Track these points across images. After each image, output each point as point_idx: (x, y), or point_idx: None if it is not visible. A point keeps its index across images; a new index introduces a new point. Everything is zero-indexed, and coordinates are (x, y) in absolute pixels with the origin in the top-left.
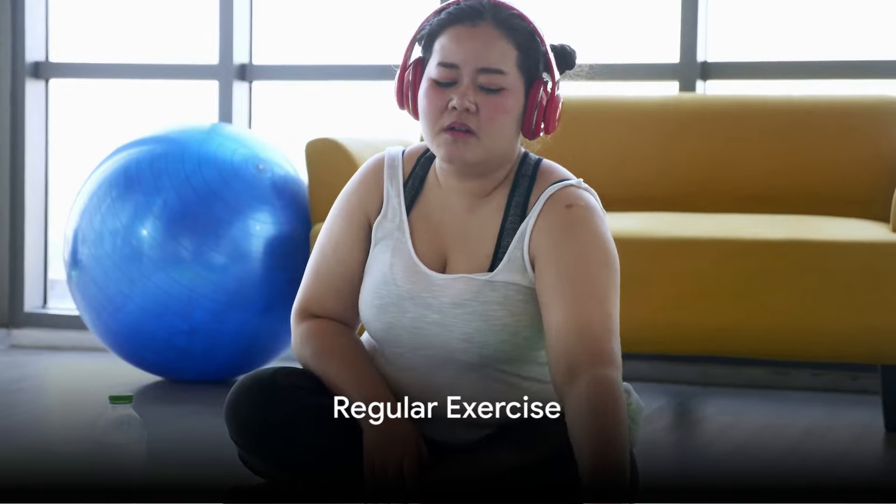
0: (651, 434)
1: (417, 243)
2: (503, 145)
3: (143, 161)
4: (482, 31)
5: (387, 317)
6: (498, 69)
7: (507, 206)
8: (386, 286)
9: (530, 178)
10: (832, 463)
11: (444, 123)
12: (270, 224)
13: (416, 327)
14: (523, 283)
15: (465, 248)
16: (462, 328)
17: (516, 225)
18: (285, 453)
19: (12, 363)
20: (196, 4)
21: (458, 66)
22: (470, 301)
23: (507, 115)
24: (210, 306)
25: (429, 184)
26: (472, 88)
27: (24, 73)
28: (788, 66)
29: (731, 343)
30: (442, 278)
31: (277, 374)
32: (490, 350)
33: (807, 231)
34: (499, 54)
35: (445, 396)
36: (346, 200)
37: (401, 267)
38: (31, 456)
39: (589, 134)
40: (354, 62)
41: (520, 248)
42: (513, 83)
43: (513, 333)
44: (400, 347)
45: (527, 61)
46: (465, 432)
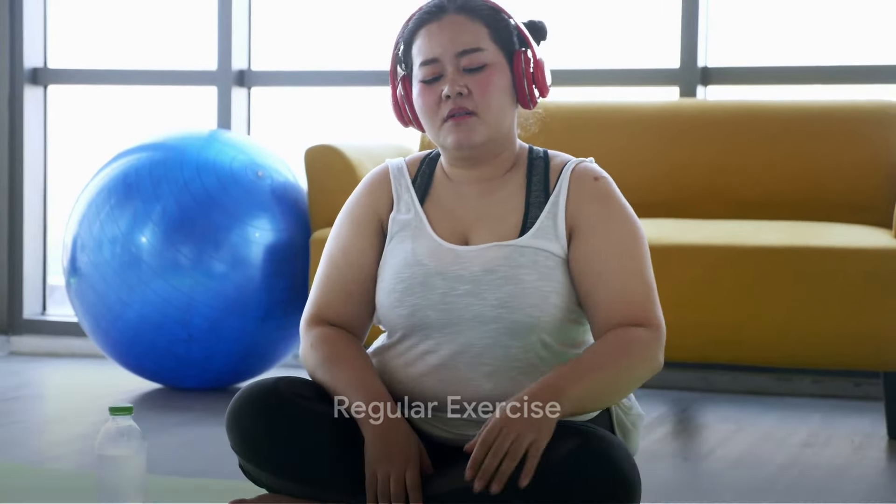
0: (652, 443)
1: (436, 228)
2: (503, 120)
3: (141, 168)
4: (448, 21)
5: (413, 298)
6: (475, 48)
7: (527, 183)
8: (410, 268)
9: (544, 160)
10: (834, 477)
11: (443, 114)
12: (270, 231)
13: (446, 303)
14: (553, 250)
15: (488, 223)
16: (494, 293)
17: (541, 198)
18: (287, 463)
19: (11, 370)
20: (194, 10)
21: (438, 58)
22: (501, 266)
23: (498, 88)
24: (209, 313)
25: (437, 178)
26: (458, 74)
27: (22, 80)
28: (789, 72)
29: (733, 350)
30: (470, 249)
31: (279, 383)
32: (520, 315)
33: (808, 237)
34: (471, 35)
35: (467, 381)
36: (354, 207)
37: (424, 248)
38: (28, 470)
39: (589, 139)
40: (353, 68)
41: (552, 218)
42: (494, 58)
43: (542, 298)
44: (426, 329)
45: (500, 35)
46: (472, 429)
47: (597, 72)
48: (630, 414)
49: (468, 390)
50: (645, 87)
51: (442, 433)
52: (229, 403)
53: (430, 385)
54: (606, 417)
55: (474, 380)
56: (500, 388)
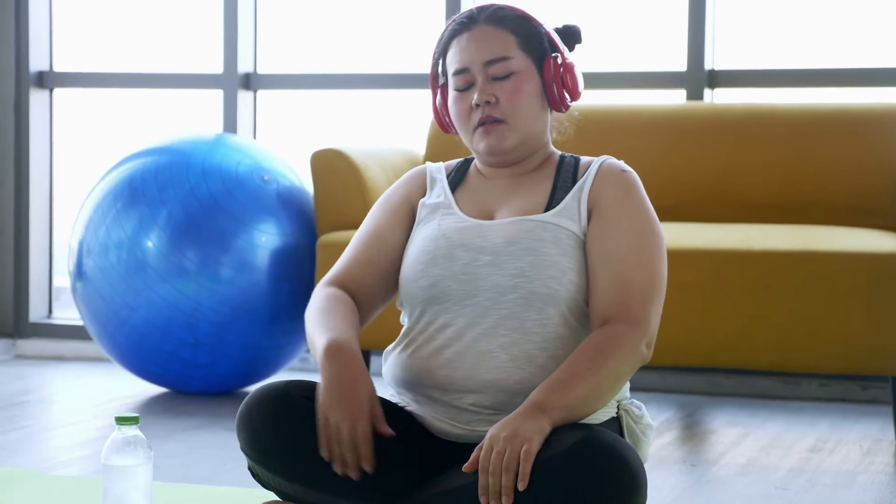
0: (660, 449)
1: (463, 207)
2: (533, 125)
3: (147, 172)
4: (478, 31)
5: (436, 269)
6: (503, 56)
7: (556, 174)
8: (435, 241)
9: (575, 159)
10: (842, 484)
11: (474, 122)
12: (276, 235)
13: (467, 273)
14: (574, 229)
15: (515, 202)
16: (514, 263)
17: (568, 184)
18: (296, 466)
19: (17, 374)
20: (200, 14)
21: (468, 68)
22: (523, 238)
23: (526, 95)
24: (215, 318)
25: (470, 174)
26: (487, 82)
27: (28, 83)
28: (796, 74)
29: (740, 355)
30: (494, 223)
31: (290, 386)
32: (538, 285)
33: (816, 242)
34: (499, 44)
35: (485, 352)
36: (389, 194)
37: (450, 223)
38: (36, 476)
39: (596, 142)
40: (359, 71)
41: (576, 200)
42: (521, 66)
43: (561, 272)
44: (446, 302)
45: (528, 43)
46: (483, 425)
47: (604, 75)
48: (640, 423)
49: (485, 361)
50: (652, 90)
51: (454, 429)
52: (239, 406)
53: (448, 357)
54: (616, 425)
55: (491, 351)
56: (516, 360)
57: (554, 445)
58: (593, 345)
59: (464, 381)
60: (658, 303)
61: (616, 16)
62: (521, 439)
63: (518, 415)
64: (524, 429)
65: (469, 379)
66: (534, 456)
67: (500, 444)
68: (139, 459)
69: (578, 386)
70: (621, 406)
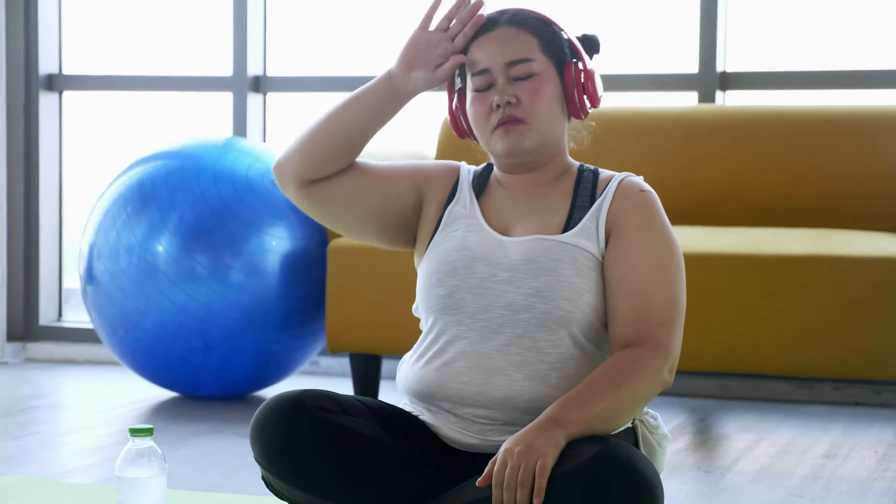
0: (674, 455)
1: (486, 218)
2: (552, 128)
3: (158, 176)
4: (499, 32)
5: (454, 279)
6: (524, 58)
7: (575, 189)
8: (457, 251)
9: (593, 173)
10: (858, 491)
11: (493, 123)
12: (286, 239)
13: (484, 287)
14: (592, 251)
15: (534, 219)
16: (530, 282)
17: (587, 203)
18: (310, 476)
19: (28, 378)
20: (210, 16)
21: (489, 69)
22: (540, 257)
23: (547, 96)
24: (226, 322)
25: (491, 184)
26: (507, 83)
27: (37, 86)
28: (808, 77)
29: (753, 359)
30: (515, 240)
31: (304, 396)
32: (553, 306)
33: (829, 246)
34: (521, 45)
35: (498, 369)
36: (418, 163)
37: (475, 236)
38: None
39: (607, 145)
40: (368, 73)
41: (594, 220)
42: (543, 68)
43: (577, 293)
44: (460, 314)
45: (550, 47)
46: (496, 434)
47: (616, 77)
48: (656, 433)
49: (497, 379)
50: (664, 93)
51: (468, 438)
52: (253, 416)
53: (460, 370)
54: (631, 436)
55: (504, 368)
56: (528, 379)
57: (569, 460)
58: (615, 366)
59: (475, 397)
60: (680, 326)
61: (628, 18)
62: (535, 454)
63: (532, 429)
64: (539, 443)
65: (480, 395)
66: (549, 471)
67: (515, 458)
68: (153, 471)
69: (596, 404)
70: (636, 416)
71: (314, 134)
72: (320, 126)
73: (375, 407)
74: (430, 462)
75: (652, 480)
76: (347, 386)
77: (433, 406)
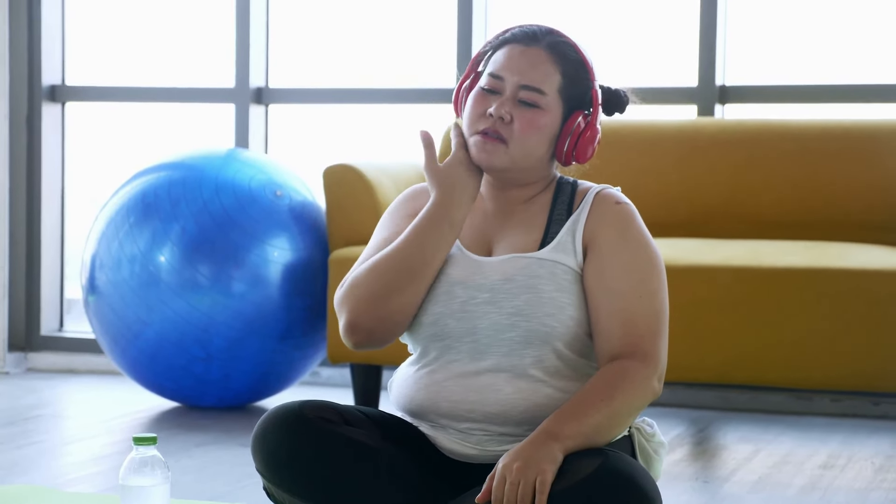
0: (672, 465)
1: (463, 240)
2: (531, 160)
3: (160, 187)
4: (533, 52)
5: (436, 307)
6: (538, 88)
7: (552, 203)
8: (436, 278)
9: (571, 186)
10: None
11: (479, 127)
12: (288, 250)
13: (465, 311)
14: (570, 264)
15: (511, 236)
16: (511, 302)
17: (563, 217)
18: (312, 486)
19: (29, 388)
20: (212, 28)
21: (503, 78)
22: (519, 275)
23: (539, 131)
24: (228, 333)
25: None
26: (511, 100)
27: (40, 97)
28: (807, 90)
29: (752, 371)
30: (491, 260)
31: (304, 406)
32: (536, 324)
33: (828, 259)
34: (542, 75)
35: (489, 387)
36: (398, 209)
37: (449, 259)
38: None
39: (607, 158)
40: (370, 86)
41: (571, 234)
42: (550, 105)
43: (559, 308)
44: (447, 339)
45: (570, 89)
46: (494, 444)
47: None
48: (652, 441)
49: (489, 396)
50: (663, 106)
51: (467, 449)
52: (255, 426)
53: (453, 390)
54: (628, 445)
55: (495, 384)
56: (521, 393)
57: (569, 475)
58: (605, 379)
59: (469, 413)
60: (665, 335)
61: (628, 32)
62: (534, 470)
63: (529, 443)
64: (536, 458)
65: (474, 412)
66: (549, 487)
67: (514, 475)
68: (157, 480)
69: (590, 416)
70: (633, 425)
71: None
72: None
73: (376, 417)
74: (430, 471)
75: (651, 494)
76: (348, 396)
77: (429, 421)
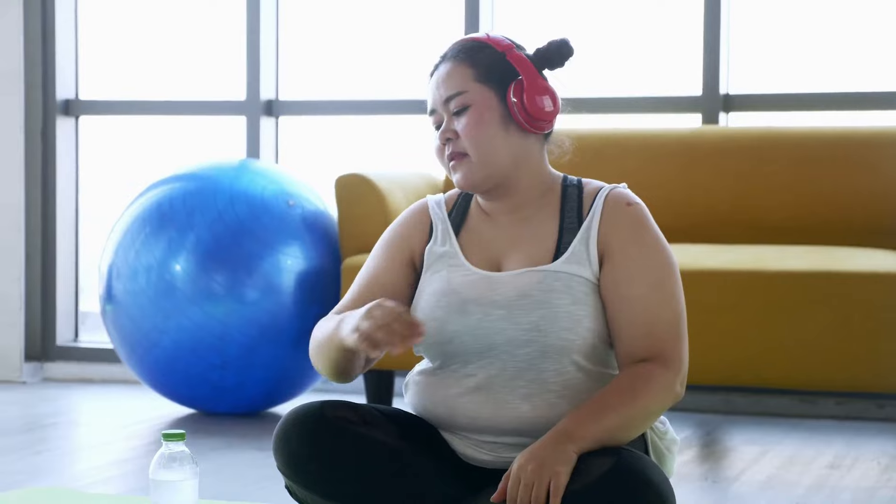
0: (680, 466)
1: (470, 257)
2: (499, 155)
3: (175, 197)
4: (441, 70)
5: (450, 326)
6: (456, 92)
7: (561, 209)
8: (446, 297)
9: (577, 188)
10: (862, 499)
11: (446, 160)
12: (301, 259)
13: (481, 328)
14: (586, 275)
15: (522, 249)
16: (527, 317)
17: (574, 224)
18: (332, 485)
19: (46, 396)
20: (223, 42)
21: (434, 108)
22: (534, 290)
23: (484, 125)
24: (243, 340)
25: (472, 212)
26: (449, 119)
27: (54, 111)
28: (811, 98)
29: (757, 374)
30: (504, 275)
31: (325, 406)
32: (553, 338)
33: (832, 262)
34: (455, 80)
35: (505, 403)
36: (390, 237)
37: (459, 277)
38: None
39: (612, 166)
40: (379, 97)
41: (584, 244)
42: (477, 97)
43: (576, 322)
44: (463, 355)
45: (488, 72)
46: (509, 452)
47: (620, 100)
48: (665, 439)
49: (506, 412)
50: (668, 115)
51: (482, 455)
52: (276, 427)
53: (469, 406)
54: (641, 442)
55: (511, 402)
56: (537, 409)
57: (583, 475)
58: (627, 382)
59: (486, 427)
60: (685, 337)
61: (632, 41)
62: (548, 472)
63: (545, 443)
64: (551, 460)
65: (489, 427)
66: (563, 490)
67: (528, 476)
68: (186, 475)
69: (608, 419)
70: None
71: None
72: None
73: (394, 416)
74: (447, 470)
75: (665, 493)
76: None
77: (445, 430)
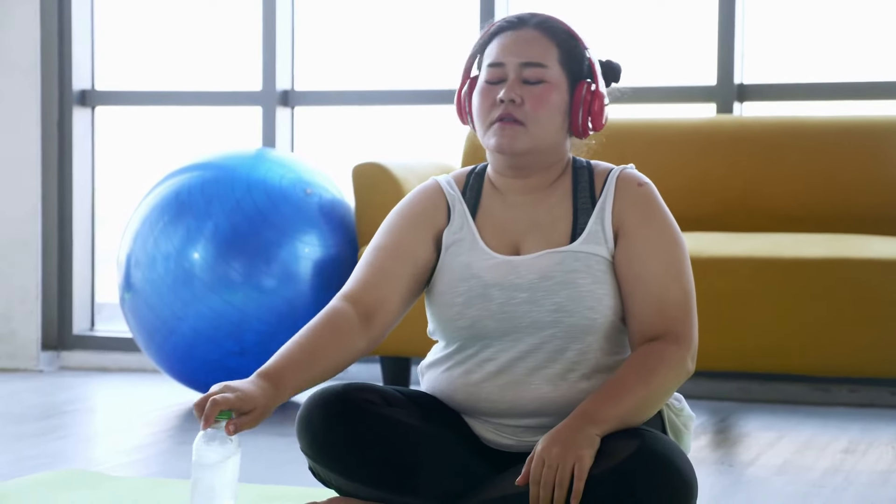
0: (696, 451)
1: (488, 240)
2: (549, 137)
3: (194, 186)
4: (524, 32)
5: (472, 311)
6: (540, 62)
7: (574, 190)
8: (466, 282)
9: (588, 169)
10: (878, 482)
11: (493, 117)
12: (318, 247)
13: (504, 311)
14: (603, 254)
15: (539, 231)
16: (552, 299)
17: (588, 204)
18: (355, 465)
19: (63, 384)
20: (239, 32)
21: (503, 63)
22: (556, 272)
23: (552, 106)
24: (260, 327)
25: (486, 191)
26: (517, 82)
27: (71, 102)
28: (825, 88)
29: (772, 360)
30: (525, 258)
31: (348, 388)
32: (578, 318)
33: (846, 249)
34: (540, 49)
35: (528, 385)
36: (409, 209)
37: (479, 261)
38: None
39: (627, 156)
40: (393, 87)
41: (599, 223)
42: (555, 77)
43: (597, 300)
44: (486, 339)
45: (569, 60)
46: (531, 435)
47: (635, 89)
48: (681, 416)
49: (528, 393)
50: (683, 104)
51: (503, 439)
52: (300, 409)
53: (490, 390)
54: (658, 420)
55: (534, 384)
56: (559, 390)
57: (606, 458)
58: (641, 361)
59: (508, 410)
60: (695, 314)
61: (647, 31)
62: (573, 455)
63: (567, 426)
64: (575, 443)
65: (513, 409)
66: (586, 473)
67: (552, 458)
68: (229, 452)
69: (628, 399)
70: None
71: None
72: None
73: (416, 398)
74: (470, 452)
75: (688, 475)
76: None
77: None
